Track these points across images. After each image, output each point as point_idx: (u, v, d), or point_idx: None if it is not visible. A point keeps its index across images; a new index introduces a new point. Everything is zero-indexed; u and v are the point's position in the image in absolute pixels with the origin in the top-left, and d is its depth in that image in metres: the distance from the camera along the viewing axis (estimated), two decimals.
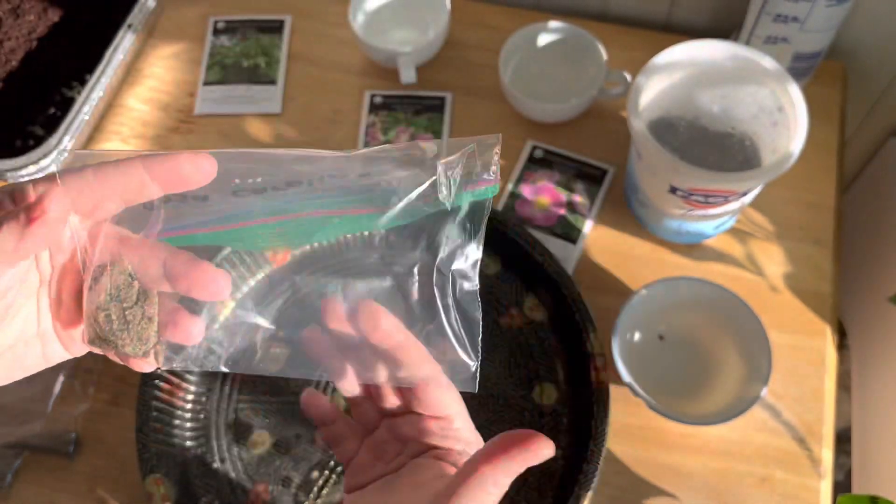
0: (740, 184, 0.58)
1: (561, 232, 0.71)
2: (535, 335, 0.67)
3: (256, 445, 0.64)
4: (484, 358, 0.67)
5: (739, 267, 0.69)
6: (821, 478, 0.61)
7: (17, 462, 0.64)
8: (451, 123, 0.78)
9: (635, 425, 0.63)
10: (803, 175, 0.73)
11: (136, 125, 0.79)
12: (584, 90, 0.76)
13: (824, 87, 0.77)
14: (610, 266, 0.70)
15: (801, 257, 0.70)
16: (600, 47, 0.74)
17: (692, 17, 0.82)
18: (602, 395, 0.60)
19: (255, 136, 0.78)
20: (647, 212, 0.68)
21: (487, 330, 0.68)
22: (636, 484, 0.61)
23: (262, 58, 0.82)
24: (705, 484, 0.61)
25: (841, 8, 0.67)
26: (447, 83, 0.80)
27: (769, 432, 0.63)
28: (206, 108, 0.80)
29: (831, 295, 0.68)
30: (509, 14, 0.84)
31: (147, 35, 0.84)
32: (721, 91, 0.65)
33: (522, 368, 0.66)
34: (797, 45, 0.71)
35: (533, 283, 0.68)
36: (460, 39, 0.83)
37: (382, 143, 0.77)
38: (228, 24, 0.85)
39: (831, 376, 0.65)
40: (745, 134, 0.66)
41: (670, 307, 0.64)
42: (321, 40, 0.84)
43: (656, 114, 0.66)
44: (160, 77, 0.82)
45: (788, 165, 0.57)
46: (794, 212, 0.72)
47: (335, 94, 0.80)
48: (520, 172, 0.74)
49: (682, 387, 0.63)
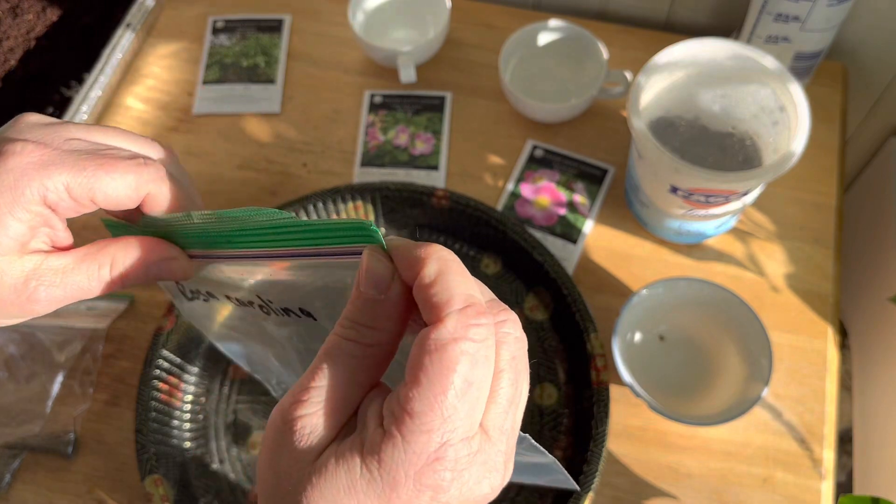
0: (741, 184, 0.57)
1: (561, 232, 0.71)
2: (536, 335, 0.67)
3: (256, 446, 0.64)
4: None
5: (740, 267, 0.69)
6: (822, 478, 0.61)
7: (15, 463, 0.64)
8: (450, 123, 0.78)
9: (636, 426, 0.63)
10: (804, 175, 0.73)
11: (135, 124, 0.79)
12: (585, 90, 0.76)
13: (825, 87, 0.77)
14: (610, 266, 0.70)
15: (802, 257, 0.69)
16: (601, 47, 0.74)
17: (693, 16, 0.82)
18: (602, 396, 0.60)
19: (255, 136, 0.78)
20: (648, 212, 0.68)
21: None
22: (637, 485, 0.61)
23: (261, 57, 0.82)
24: (706, 485, 0.61)
25: (841, 7, 0.67)
26: (447, 83, 0.80)
27: (770, 433, 0.62)
28: (205, 107, 0.80)
29: (832, 295, 0.68)
30: (509, 13, 0.84)
31: (146, 34, 0.84)
32: (722, 90, 0.65)
33: None
34: (798, 45, 0.71)
35: (533, 283, 0.68)
36: (460, 39, 0.82)
37: (382, 142, 0.77)
38: (228, 23, 0.85)
39: (832, 376, 0.65)
40: (746, 133, 0.66)
41: (671, 307, 0.64)
42: (321, 40, 0.84)
43: (657, 113, 0.66)
44: (159, 76, 0.82)
45: (789, 165, 0.57)
46: (795, 212, 0.71)
47: (335, 93, 0.80)
48: (520, 172, 0.74)
49: (682, 387, 0.63)
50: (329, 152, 0.77)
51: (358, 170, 0.75)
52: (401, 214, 0.70)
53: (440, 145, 0.76)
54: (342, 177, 0.75)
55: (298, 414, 0.25)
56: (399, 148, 0.76)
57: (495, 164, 0.75)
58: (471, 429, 0.25)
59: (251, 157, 0.77)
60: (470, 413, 0.24)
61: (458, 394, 0.24)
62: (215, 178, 0.76)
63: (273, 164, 0.76)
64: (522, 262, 0.67)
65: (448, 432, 0.24)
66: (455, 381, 0.24)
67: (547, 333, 0.66)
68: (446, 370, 0.24)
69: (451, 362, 0.24)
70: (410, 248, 0.27)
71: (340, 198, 0.69)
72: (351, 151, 0.77)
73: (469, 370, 0.24)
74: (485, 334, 0.25)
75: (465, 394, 0.24)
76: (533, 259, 0.66)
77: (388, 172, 0.75)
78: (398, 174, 0.75)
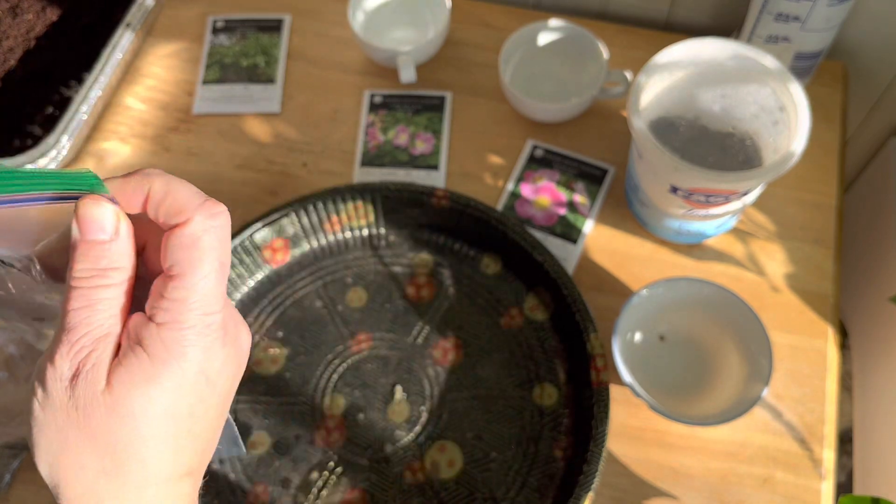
0: (741, 183, 0.57)
1: (561, 232, 0.71)
2: (536, 335, 0.66)
3: (256, 446, 0.64)
4: (484, 358, 0.67)
5: (740, 267, 0.69)
6: (822, 479, 0.61)
7: (15, 463, 0.64)
8: (450, 123, 0.77)
9: (636, 426, 0.63)
10: (804, 175, 0.73)
11: (135, 124, 0.79)
12: (585, 90, 0.76)
13: (825, 87, 0.77)
14: (610, 266, 0.70)
15: (802, 257, 0.69)
16: (601, 46, 0.74)
17: (693, 16, 0.82)
18: (602, 396, 0.59)
19: (255, 136, 0.78)
20: (648, 211, 0.68)
21: (488, 330, 0.67)
22: (637, 485, 0.61)
23: (261, 57, 0.82)
24: (706, 485, 0.61)
25: (841, 7, 0.67)
26: (447, 82, 0.80)
27: (770, 433, 0.62)
28: (204, 107, 0.80)
29: (832, 295, 0.68)
30: (509, 13, 0.84)
31: (146, 34, 0.84)
32: (722, 90, 0.65)
33: (522, 369, 0.65)
34: (798, 45, 0.71)
35: (533, 283, 0.67)
36: (460, 39, 0.82)
37: (382, 142, 0.77)
38: (227, 23, 0.85)
39: (833, 377, 0.65)
40: (746, 133, 0.66)
41: (671, 307, 0.64)
42: (320, 39, 0.84)
43: (657, 113, 0.66)
44: (159, 76, 0.82)
45: (790, 165, 0.57)
46: (795, 212, 0.71)
47: (335, 93, 0.80)
48: (520, 172, 0.74)
49: (682, 387, 0.63)
50: (329, 152, 0.77)
51: (358, 170, 0.75)
52: (401, 214, 0.70)
53: (440, 145, 0.76)
54: (342, 177, 0.75)
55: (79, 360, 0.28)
56: (399, 148, 0.76)
57: (495, 164, 0.75)
58: (220, 300, 0.29)
59: (251, 157, 0.77)
60: (222, 288, 0.29)
61: (218, 275, 0.28)
62: (215, 178, 0.76)
63: (273, 163, 0.76)
64: (522, 261, 0.67)
65: (211, 308, 0.28)
66: (214, 264, 0.28)
67: (547, 334, 0.66)
68: (205, 256, 0.28)
69: (208, 249, 0.28)
70: (128, 180, 0.29)
71: (341, 198, 0.69)
72: (351, 151, 0.77)
73: (222, 252, 0.29)
74: (224, 219, 0.29)
75: (222, 273, 0.29)
76: (533, 259, 0.65)
77: (388, 172, 0.75)
78: (398, 174, 0.75)
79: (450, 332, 0.67)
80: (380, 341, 0.67)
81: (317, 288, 0.70)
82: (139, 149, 0.78)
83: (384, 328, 0.68)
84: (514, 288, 0.68)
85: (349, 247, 0.70)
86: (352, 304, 0.69)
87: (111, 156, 0.77)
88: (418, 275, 0.70)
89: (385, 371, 0.66)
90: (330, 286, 0.70)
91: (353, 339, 0.67)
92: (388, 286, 0.69)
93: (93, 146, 0.78)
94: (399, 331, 0.68)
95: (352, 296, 0.69)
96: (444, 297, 0.69)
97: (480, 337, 0.67)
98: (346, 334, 0.68)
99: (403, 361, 0.66)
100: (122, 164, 0.77)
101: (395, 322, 0.68)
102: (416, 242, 0.71)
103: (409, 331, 0.68)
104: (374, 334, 0.68)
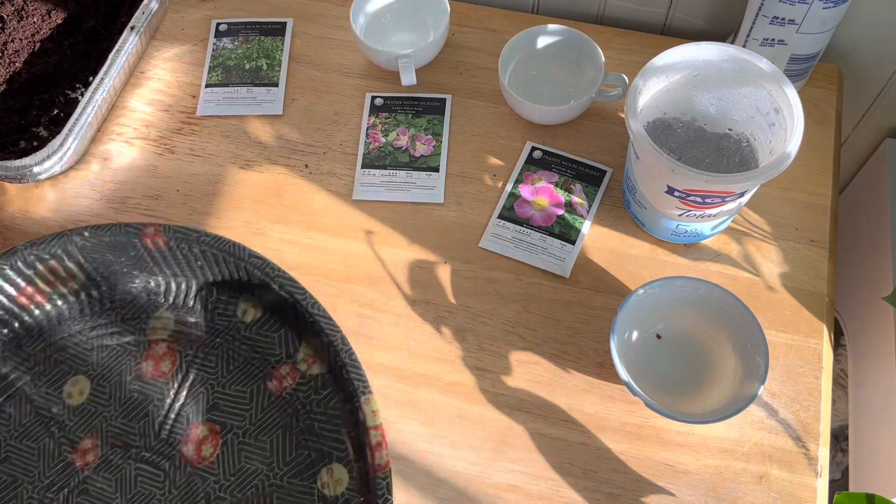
0: (737, 185, 0.58)
1: (559, 232, 0.72)
2: (315, 397, 0.53)
3: None
4: (249, 443, 0.51)
5: (736, 267, 0.70)
6: (817, 475, 0.62)
7: None
8: (450, 125, 0.78)
9: (633, 424, 0.64)
10: (800, 176, 0.74)
11: (140, 126, 0.80)
12: (583, 92, 0.77)
13: (820, 89, 0.78)
14: (608, 266, 0.71)
15: (797, 257, 0.70)
16: (598, 50, 0.75)
17: (689, 19, 0.83)
18: (381, 488, 0.45)
19: (257, 138, 0.79)
20: (645, 212, 0.69)
21: (252, 402, 0.53)
22: (634, 481, 0.62)
23: (263, 60, 0.83)
24: (702, 482, 0.62)
25: (836, 11, 0.67)
26: (447, 85, 0.81)
27: (766, 430, 0.63)
28: (208, 109, 0.81)
29: (827, 294, 0.69)
30: (508, 17, 0.85)
31: (150, 37, 0.85)
32: (718, 93, 0.66)
33: (302, 449, 0.52)
34: (793, 48, 0.72)
35: (303, 327, 0.53)
36: (460, 42, 0.83)
37: (383, 144, 0.77)
38: (231, 26, 0.86)
39: (827, 375, 0.65)
40: (742, 135, 0.67)
41: (668, 307, 0.65)
42: (322, 43, 0.85)
43: (654, 115, 0.67)
44: (163, 79, 0.83)
45: (785, 166, 0.58)
46: (790, 212, 0.72)
47: (336, 95, 0.81)
48: (518, 173, 0.75)
49: (679, 385, 0.64)
50: (331, 154, 0.78)
51: (359, 171, 0.76)
52: (116, 265, 0.55)
53: (440, 147, 0.77)
54: (344, 178, 0.76)
55: None
56: (400, 149, 0.77)
57: (495, 166, 0.76)
58: None
59: (254, 159, 0.78)
60: None
61: None
62: (218, 180, 0.76)
63: (276, 165, 0.77)
64: (285, 302, 0.54)
65: None
66: None
67: (329, 393, 0.52)
68: None
69: None
70: None
71: (23, 261, 0.54)
72: (353, 153, 0.77)
73: None
74: None
75: None
76: (293, 298, 0.51)
77: (389, 174, 0.76)
78: (399, 175, 0.75)
79: (201, 416, 0.53)
80: (111, 447, 0.52)
81: (23, 386, 0.54)
82: (144, 150, 0.78)
83: (116, 426, 0.53)
84: (281, 337, 0.54)
85: (61, 320, 0.56)
86: (71, 399, 0.54)
87: (116, 157, 0.78)
88: (155, 342, 0.55)
89: (121, 488, 0.51)
90: (40, 380, 0.54)
91: (76, 451, 0.52)
92: (117, 366, 0.55)
93: (98, 148, 0.79)
94: (135, 427, 0.53)
95: (70, 388, 0.55)
96: (190, 365, 0.54)
97: (242, 415, 0.53)
98: (66, 445, 0.52)
99: (143, 471, 0.51)
100: (126, 166, 0.77)
101: (128, 416, 0.53)
102: (147, 298, 0.55)
103: (148, 425, 0.53)
104: (103, 437, 0.53)
